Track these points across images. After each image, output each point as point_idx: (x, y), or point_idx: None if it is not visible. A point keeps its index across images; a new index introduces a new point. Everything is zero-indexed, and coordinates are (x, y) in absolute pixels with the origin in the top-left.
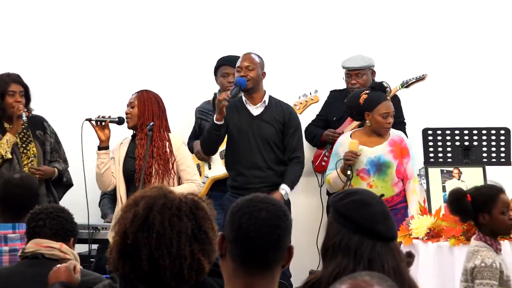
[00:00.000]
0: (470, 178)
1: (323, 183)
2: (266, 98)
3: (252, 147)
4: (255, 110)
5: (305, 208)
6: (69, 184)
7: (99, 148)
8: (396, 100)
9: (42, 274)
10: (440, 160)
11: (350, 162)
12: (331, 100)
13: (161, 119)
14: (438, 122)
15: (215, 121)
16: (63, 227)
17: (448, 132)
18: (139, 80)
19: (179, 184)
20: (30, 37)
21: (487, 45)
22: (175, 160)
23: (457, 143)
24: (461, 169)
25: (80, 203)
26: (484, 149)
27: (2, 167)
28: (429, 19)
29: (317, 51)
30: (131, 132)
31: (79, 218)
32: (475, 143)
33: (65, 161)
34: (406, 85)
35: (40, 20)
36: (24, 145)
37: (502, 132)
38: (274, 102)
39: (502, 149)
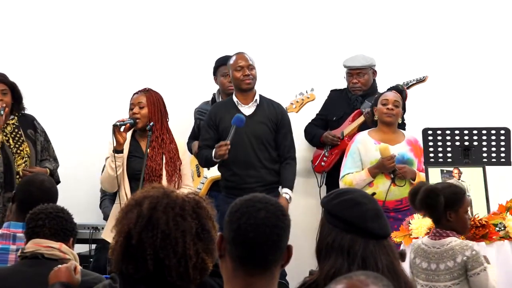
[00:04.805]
0: (470, 178)
1: (322, 183)
2: (257, 97)
3: (247, 147)
4: (247, 109)
5: (304, 208)
6: (57, 182)
7: (116, 151)
8: None
9: (42, 274)
10: (440, 160)
11: (393, 167)
12: (331, 100)
13: (166, 120)
14: (438, 122)
15: (213, 159)
16: (63, 227)
17: (448, 132)
18: (139, 81)
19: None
20: (29, 37)
21: (487, 46)
22: (181, 163)
23: (457, 143)
24: (461, 169)
25: (80, 203)
26: (484, 149)
27: None
28: (429, 21)
29: (316, 51)
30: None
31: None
32: (475, 143)
33: (55, 160)
34: (406, 86)
35: (38, 21)
36: (17, 146)
37: (502, 132)
38: (265, 101)
39: (502, 149)
